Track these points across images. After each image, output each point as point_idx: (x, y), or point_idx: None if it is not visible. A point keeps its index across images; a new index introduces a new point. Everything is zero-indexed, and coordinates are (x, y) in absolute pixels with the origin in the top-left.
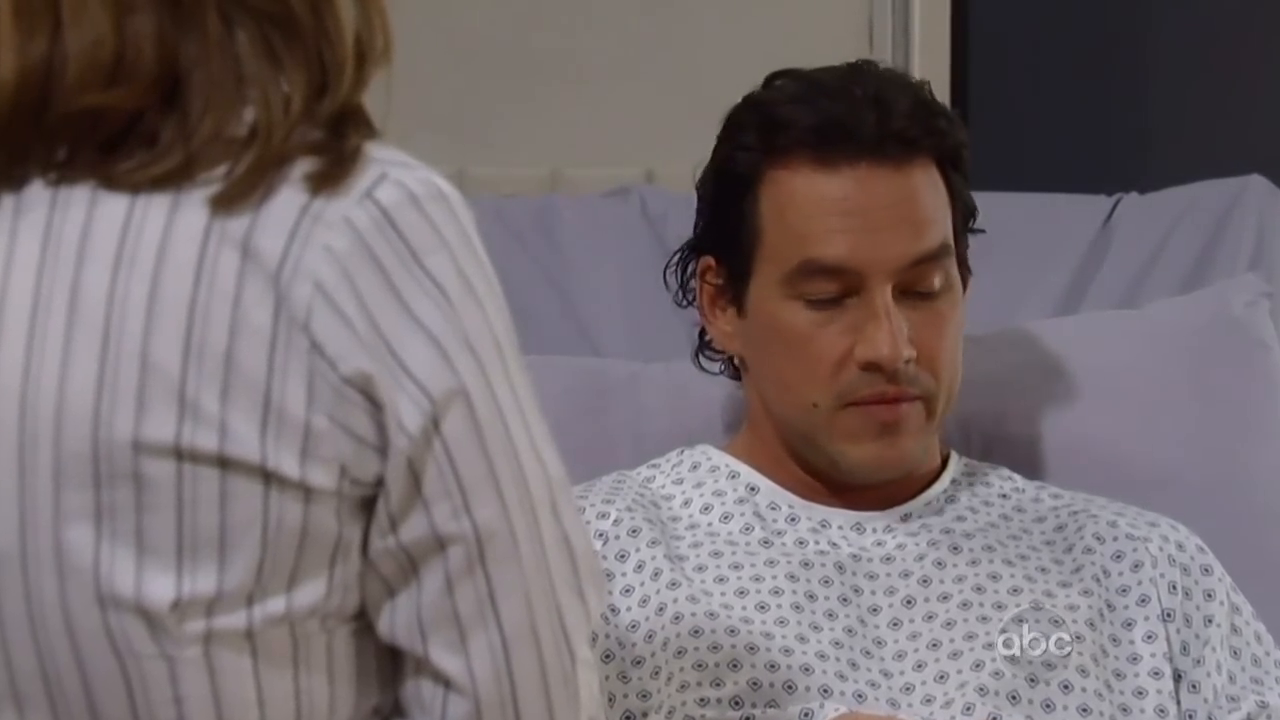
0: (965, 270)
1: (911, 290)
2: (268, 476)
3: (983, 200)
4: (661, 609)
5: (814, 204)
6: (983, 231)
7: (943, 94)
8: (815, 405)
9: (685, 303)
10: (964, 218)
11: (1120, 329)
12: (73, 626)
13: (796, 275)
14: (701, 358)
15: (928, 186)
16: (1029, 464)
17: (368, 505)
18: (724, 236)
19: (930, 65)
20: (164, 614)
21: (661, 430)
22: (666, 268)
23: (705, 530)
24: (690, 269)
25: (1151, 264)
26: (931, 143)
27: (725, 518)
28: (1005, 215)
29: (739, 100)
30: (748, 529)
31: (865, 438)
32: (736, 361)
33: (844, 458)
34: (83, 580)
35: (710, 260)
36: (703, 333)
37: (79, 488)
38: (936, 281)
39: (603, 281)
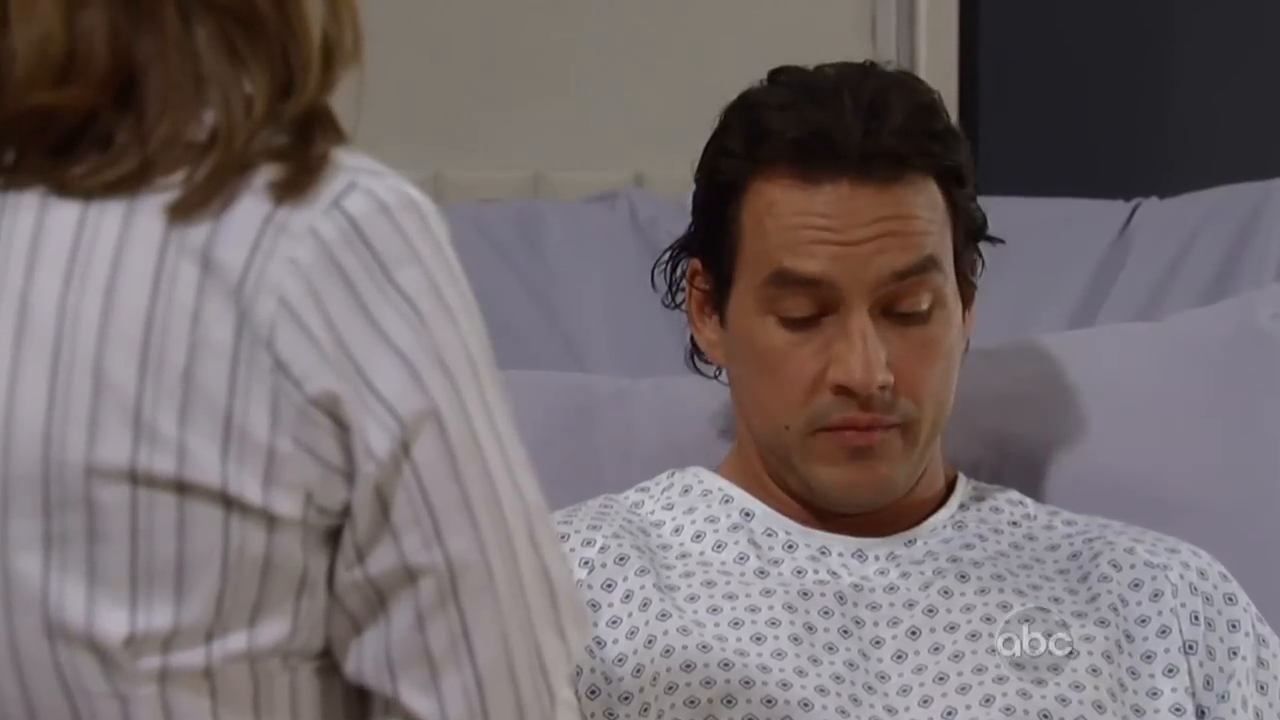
0: (968, 287)
1: (895, 310)
2: (229, 503)
3: (993, 206)
4: (651, 641)
5: (792, 215)
6: (1002, 241)
7: (950, 93)
8: (787, 428)
9: (674, 305)
10: (967, 234)
11: (1139, 342)
12: (20, 661)
13: (770, 286)
14: (697, 360)
15: (919, 202)
16: (1041, 484)
17: (334, 536)
18: (710, 241)
19: (936, 63)
20: (117, 650)
21: (651, 449)
22: (655, 265)
23: (697, 559)
24: (680, 270)
25: (1172, 273)
26: (924, 163)
27: (718, 546)
28: (1017, 222)
29: (734, 99)
30: (742, 558)
31: (837, 461)
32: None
33: (817, 481)
34: (30, 612)
35: (698, 264)
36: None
37: (27, 513)
38: (924, 300)
39: (589, 292)
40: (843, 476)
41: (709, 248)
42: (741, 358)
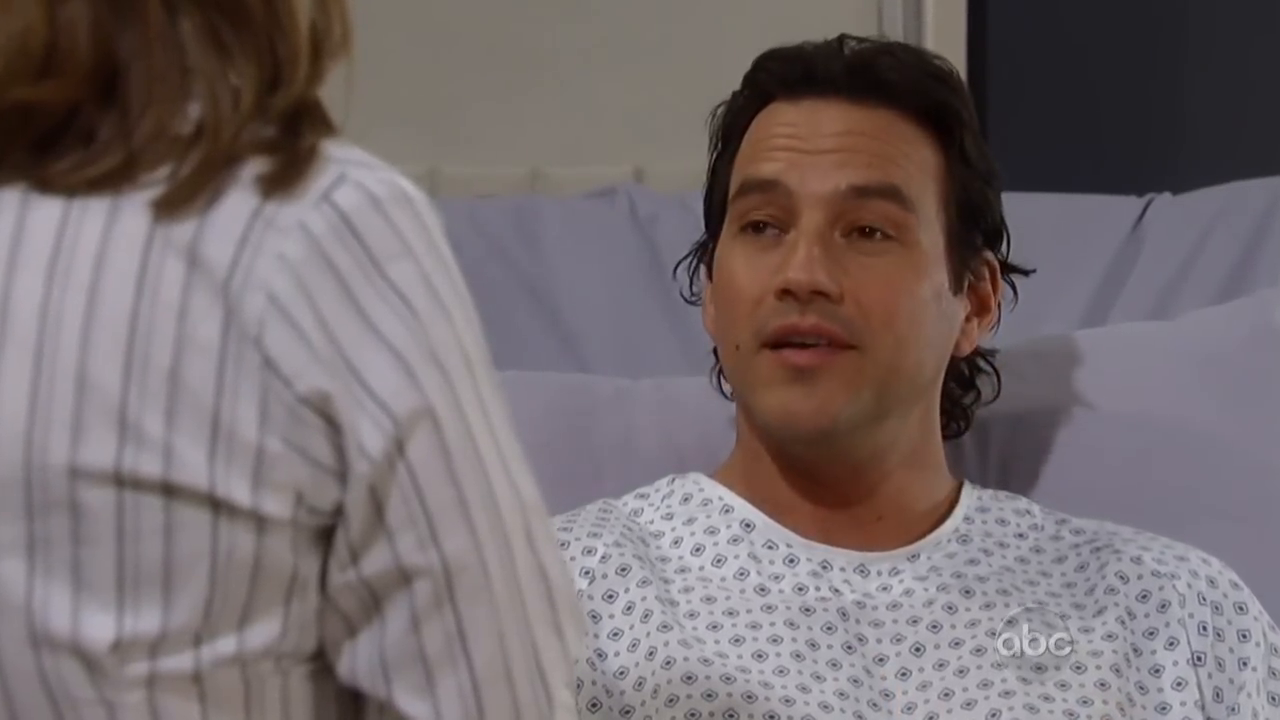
0: (967, 272)
1: (855, 232)
2: (217, 505)
3: (1002, 201)
4: (652, 653)
5: (764, 129)
6: (1029, 273)
7: None
8: (738, 348)
9: (693, 299)
10: (965, 214)
11: (1151, 342)
12: (4, 668)
13: (737, 200)
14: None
15: (896, 133)
16: (1050, 487)
17: (326, 536)
18: (710, 202)
19: (944, 55)
20: (103, 656)
21: (651, 452)
22: (681, 261)
23: (697, 575)
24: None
25: (1185, 271)
26: (906, 88)
27: (718, 561)
28: (1025, 217)
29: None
30: (742, 574)
31: (776, 382)
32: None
33: (760, 408)
34: (14, 619)
35: (711, 241)
36: None
37: (10, 518)
38: (883, 224)
39: (588, 290)
40: (783, 401)
41: (709, 211)
42: (716, 298)
